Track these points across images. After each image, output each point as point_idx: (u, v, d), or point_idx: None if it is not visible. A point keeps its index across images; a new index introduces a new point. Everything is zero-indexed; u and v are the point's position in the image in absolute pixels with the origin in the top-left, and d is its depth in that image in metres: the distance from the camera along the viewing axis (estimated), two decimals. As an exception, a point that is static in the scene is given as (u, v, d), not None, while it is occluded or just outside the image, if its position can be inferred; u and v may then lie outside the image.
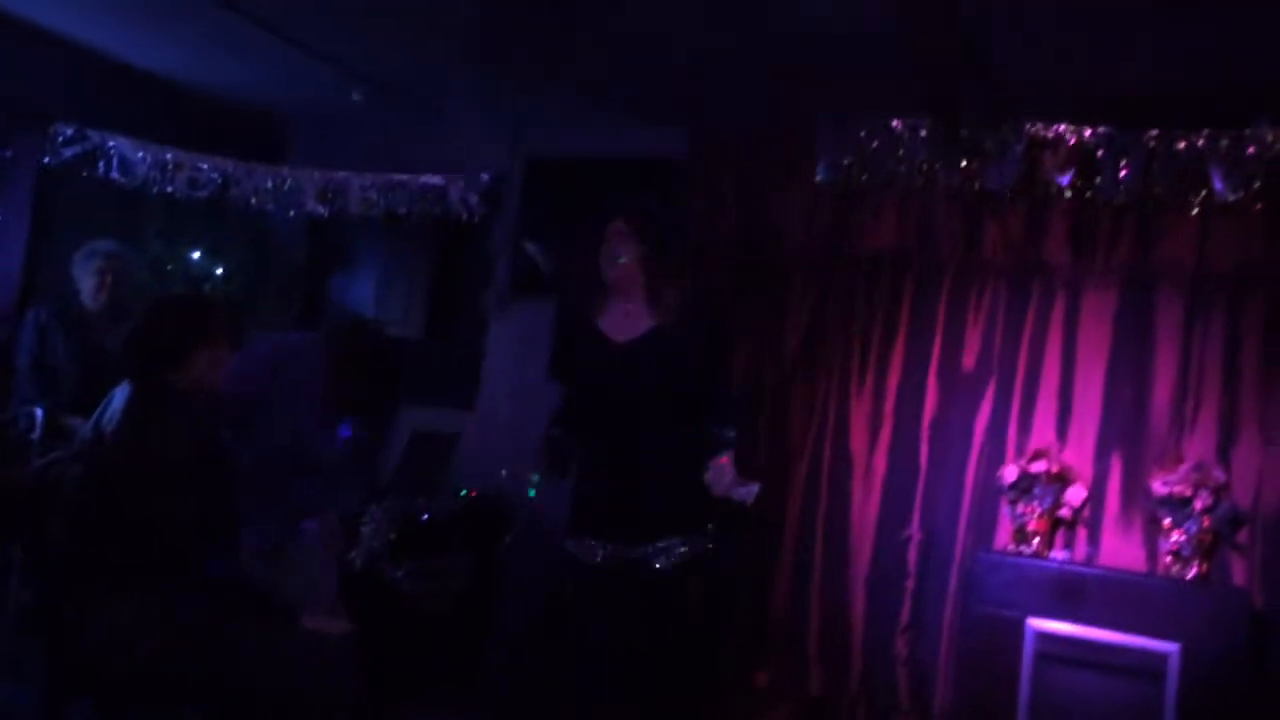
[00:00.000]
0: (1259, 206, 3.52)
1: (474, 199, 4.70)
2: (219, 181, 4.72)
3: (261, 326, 4.81)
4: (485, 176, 4.70)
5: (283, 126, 5.20)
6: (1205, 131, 3.55)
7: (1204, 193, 3.57)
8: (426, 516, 3.99)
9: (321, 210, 4.80)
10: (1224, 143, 3.53)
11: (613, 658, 2.88)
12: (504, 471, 4.10)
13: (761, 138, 4.24)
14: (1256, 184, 3.49)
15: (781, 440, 4.15)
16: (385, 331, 4.13)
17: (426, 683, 3.89)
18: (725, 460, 2.95)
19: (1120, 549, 3.68)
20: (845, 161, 3.99)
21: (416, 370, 4.84)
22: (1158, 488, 3.56)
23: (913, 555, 3.92)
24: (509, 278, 4.71)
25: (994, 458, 3.88)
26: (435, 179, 4.73)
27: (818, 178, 4.06)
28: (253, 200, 4.78)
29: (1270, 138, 3.47)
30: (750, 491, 2.91)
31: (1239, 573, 3.54)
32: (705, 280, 4.28)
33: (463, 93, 4.52)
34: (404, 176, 4.76)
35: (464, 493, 4.28)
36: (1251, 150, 3.50)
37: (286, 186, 4.80)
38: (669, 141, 4.38)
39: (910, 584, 3.90)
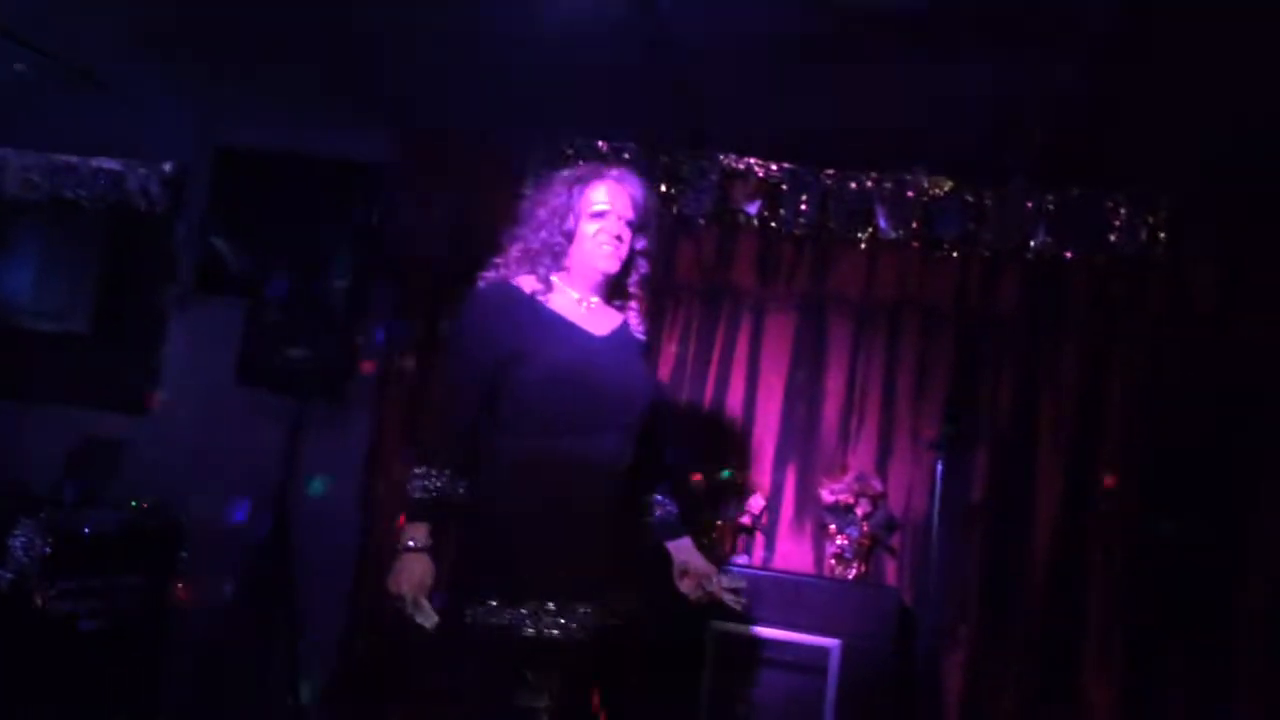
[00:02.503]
0: (915, 244, 3.95)
1: (155, 187, 4.35)
2: None
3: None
4: (168, 165, 4.38)
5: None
6: (873, 174, 3.96)
7: (870, 229, 3.96)
8: (88, 530, 3.64)
9: (-29, 190, 4.30)
10: (888, 185, 3.95)
11: None
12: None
13: (470, 147, 4.22)
14: (914, 224, 3.93)
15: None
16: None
17: (87, 708, 3.55)
18: (691, 547, 2.49)
19: (793, 553, 3.97)
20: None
21: (79, 369, 4.43)
22: (825, 496, 3.88)
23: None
24: (193, 274, 4.40)
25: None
26: (111, 163, 4.34)
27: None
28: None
29: (926, 183, 3.92)
30: (739, 584, 2.44)
31: (891, 573, 3.92)
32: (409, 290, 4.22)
33: (144, 72, 4.18)
34: (74, 159, 4.34)
35: (135, 504, 3.94)
36: (910, 194, 3.93)
37: (-71, 161, 4.25)
38: (374, 143, 4.26)
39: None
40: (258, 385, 3.94)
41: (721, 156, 4.04)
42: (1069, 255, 3.87)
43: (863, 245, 3.99)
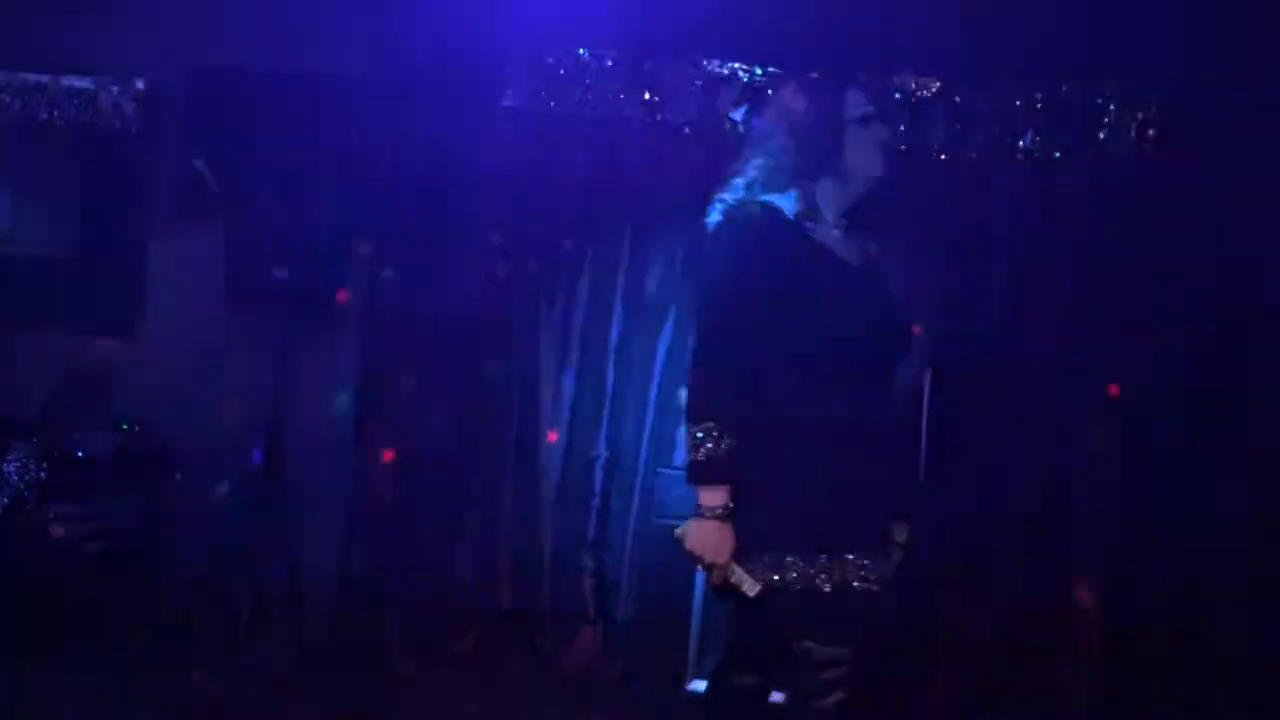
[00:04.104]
0: (902, 148, 3.85)
1: (129, 106, 4.27)
2: None
3: None
4: (140, 83, 4.28)
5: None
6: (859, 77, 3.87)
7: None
8: (81, 454, 3.65)
9: (-63, 112, 4.20)
10: (874, 87, 3.86)
11: None
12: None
13: (448, 62, 4.13)
14: (901, 126, 3.85)
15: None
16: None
17: (88, 630, 3.60)
18: None
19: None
20: (534, 89, 4.02)
21: (64, 294, 4.39)
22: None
23: (599, 474, 4.05)
24: (174, 195, 4.33)
25: (674, 381, 4.06)
26: (82, 82, 4.25)
27: (505, 104, 4.06)
28: None
29: (914, 85, 3.85)
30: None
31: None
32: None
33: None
34: (43, 78, 4.24)
35: (125, 427, 3.95)
36: (897, 96, 3.86)
37: (-109, 83, 4.15)
38: (352, 59, 4.17)
39: (596, 501, 4.04)
40: (244, 306, 3.93)
41: (705, 62, 3.96)
42: (1057, 155, 3.82)
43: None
